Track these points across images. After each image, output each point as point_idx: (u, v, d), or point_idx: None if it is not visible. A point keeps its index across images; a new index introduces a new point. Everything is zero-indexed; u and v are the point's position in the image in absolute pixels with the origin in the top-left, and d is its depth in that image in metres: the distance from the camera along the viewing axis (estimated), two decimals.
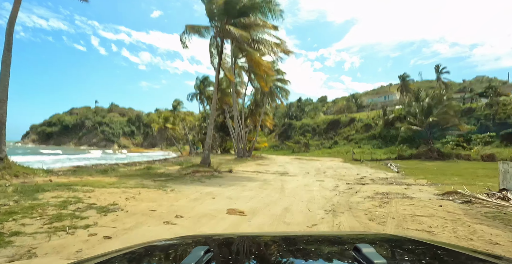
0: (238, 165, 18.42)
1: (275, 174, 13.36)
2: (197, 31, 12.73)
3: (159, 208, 5.60)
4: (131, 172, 10.87)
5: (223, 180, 10.20)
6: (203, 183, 9.35)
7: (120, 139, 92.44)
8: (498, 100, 39.39)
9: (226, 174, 11.83)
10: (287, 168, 17.26)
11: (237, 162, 20.58)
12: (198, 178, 10.26)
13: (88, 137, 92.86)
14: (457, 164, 21.18)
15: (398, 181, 11.39)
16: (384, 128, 43.13)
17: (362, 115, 48.66)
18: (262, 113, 29.95)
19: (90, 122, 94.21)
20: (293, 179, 11.47)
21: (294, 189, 8.51)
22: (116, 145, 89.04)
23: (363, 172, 15.42)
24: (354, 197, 7.55)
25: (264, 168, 16.83)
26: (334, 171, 15.79)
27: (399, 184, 10.25)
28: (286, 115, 61.76)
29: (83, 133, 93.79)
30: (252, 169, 15.57)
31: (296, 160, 27.62)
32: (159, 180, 9.31)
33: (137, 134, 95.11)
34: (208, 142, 13.15)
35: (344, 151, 42.17)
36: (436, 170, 16.81)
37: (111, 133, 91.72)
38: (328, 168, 18.02)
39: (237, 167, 16.13)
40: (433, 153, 25.47)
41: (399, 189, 8.92)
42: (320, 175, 13.27)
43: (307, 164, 21.75)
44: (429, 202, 6.64)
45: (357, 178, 12.28)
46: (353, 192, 8.55)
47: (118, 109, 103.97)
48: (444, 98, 25.61)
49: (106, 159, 31.91)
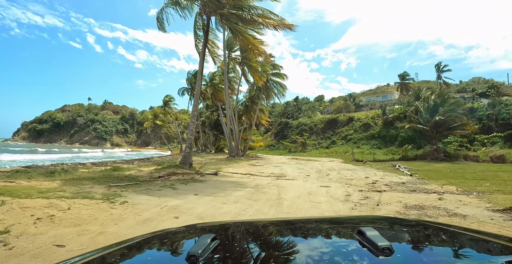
0: (229, 165, 16.13)
1: (270, 177, 11.11)
2: (178, 3, 10.39)
3: (74, 240, 3.31)
4: (89, 174, 8.57)
5: (203, 185, 7.91)
6: (176, 190, 7.05)
7: (113, 137, 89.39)
8: (500, 100, 37.70)
9: (210, 177, 9.55)
10: (284, 169, 15.02)
11: (228, 162, 18.28)
12: (171, 182, 7.96)
13: (80, 135, 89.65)
14: (468, 165, 19.15)
15: (420, 187, 9.22)
16: (384, 128, 41.16)
17: (360, 114, 46.69)
18: (257, 110, 27.65)
19: (82, 119, 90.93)
20: (292, 184, 9.23)
21: (295, 200, 6.26)
22: (109, 143, 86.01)
23: (371, 174, 13.25)
24: (378, 213, 5.34)
25: (258, 169, 14.57)
26: (338, 173, 13.60)
27: (425, 192, 8.08)
28: (283, 114, 59.59)
29: (74, 131, 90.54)
30: (244, 170, 13.30)
31: (293, 160, 25.41)
32: (116, 186, 6.98)
33: (130, 132, 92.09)
34: (189, 138, 10.84)
35: (342, 151, 40.09)
36: (450, 172, 14.73)
37: (103, 130, 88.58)
38: (330, 169, 15.83)
39: (227, 168, 13.84)
40: (439, 153, 23.47)
41: (432, 200, 6.74)
42: (323, 179, 11.06)
43: (306, 164, 19.54)
44: (495, 224, 4.44)
45: (368, 183, 10.08)
46: (372, 203, 6.35)
47: (112, 106, 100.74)
48: (451, 95, 23.62)
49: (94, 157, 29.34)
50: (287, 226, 1.20)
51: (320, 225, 1.19)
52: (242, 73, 24.47)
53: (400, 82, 44.36)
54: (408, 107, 40.19)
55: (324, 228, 1.13)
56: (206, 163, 15.89)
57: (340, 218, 1.62)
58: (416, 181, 10.75)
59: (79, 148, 66.50)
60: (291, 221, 1.33)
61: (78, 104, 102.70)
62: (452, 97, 24.27)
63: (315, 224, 1.21)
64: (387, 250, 0.67)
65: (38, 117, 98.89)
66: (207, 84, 30.54)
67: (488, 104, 38.18)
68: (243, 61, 23.58)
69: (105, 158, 26.38)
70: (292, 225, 1.21)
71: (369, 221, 1.27)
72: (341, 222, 1.27)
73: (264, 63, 24.18)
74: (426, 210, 5.64)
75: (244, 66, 23.92)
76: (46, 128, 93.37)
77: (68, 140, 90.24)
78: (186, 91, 31.48)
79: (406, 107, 40.48)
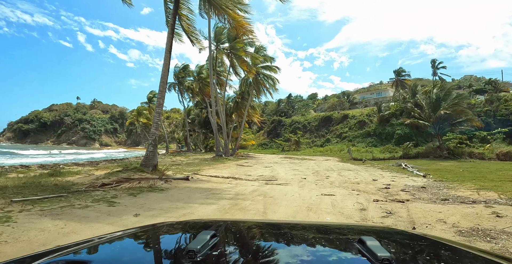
0: (213, 166, 13.79)
1: (257, 180, 8.83)
2: None
3: None
4: (8, 182, 6.19)
5: (159, 197, 5.58)
6: (113, 206, 4.73)
7: (102, 136, 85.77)
8: (498, 96, 36.27)
9: (178, 183, 7.23)
10: (275, 170, 12.77)
11: (213, 162, 15.94)
12: (116, 193, 5.61)
13: (68, 135, 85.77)
14: (478, 164, 17.26)
15: (449, 193, 7.08)
16: (380, 126, 39.35)
17: (355, 112, 44.82)
18: (248, 106, 25.34)
19: (70, 119, 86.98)
20: (284, 191, 6.97)
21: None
22: (97, 143, 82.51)
23: (378, 176, 11.11)
24: None
25: (245, 170, 12.29)
26: (339, 174, 11.41)
27: (463, 201, 5.94)
28: (276, 112, 57.40)
29: (62, 130, 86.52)
30: (228, 172, 10.99)
31: (286, 159, 23.21)
32: (22, 201, 4.60)
33: (120, 131, 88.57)
34: (153, 133, 8.41)
35: (337, 149, 38.16)
36: (465, 172, 12.74)
37: (92, 130, 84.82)
38: (328, 169, 13.66)
39: (208, 170, 11.51)
40: (442, 151, 21.60)
41: (486, 217, 4.58)
42: (323, 182, 8.84)
43: (300, 164, 17.35)
44: None
45: (380, 188, 7.91)
46: (403, 224, 4.17)
47: (101, 105, 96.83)
48: (453, 88, 21.80)
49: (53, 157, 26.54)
50: (287, 228, 1.18)
51: (322, 230, 1.17)
52: (231, 64, 22.11)
53: (396, 79, 42.60)
54: (405, 103, 38.61)
55: (325, 234, 1.11)
56: (186, 164, 13.60)
57: (341, 225, 1.50)
58: (437, 185, 8.63)
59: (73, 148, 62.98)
60: (292, 225, 1.31)
61: (66, 103, 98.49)
62: (454, 91, 22.34)
63: (316, 230, 1.19)
64: (386, 261, 0.65)
65: (24, 117, 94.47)
66: (194, 78, 28.08)
67: (486, 101, 36.73)
68: (231, 52, 21.23)
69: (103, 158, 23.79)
70: (293, 228, 1.20)
71: (370, 231, 1.23)
72: (342, 230, 1.22)
73: (253, 54, 21.91)
74: (497, 239, 3.46)
75: (233, 58, 21.58)
76: (32, 128, 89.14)
77: (55, 140, 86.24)
78: (173, 86, 28.93)
79: (402, 104, 38.85)
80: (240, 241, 0.98)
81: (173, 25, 8.60)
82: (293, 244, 0.92)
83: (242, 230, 1.14)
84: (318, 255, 0.81)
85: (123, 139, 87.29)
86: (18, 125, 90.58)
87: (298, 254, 0.80)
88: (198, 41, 10.68)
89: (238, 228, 1.18)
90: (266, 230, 1.15)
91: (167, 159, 18.28)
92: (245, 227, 1.22)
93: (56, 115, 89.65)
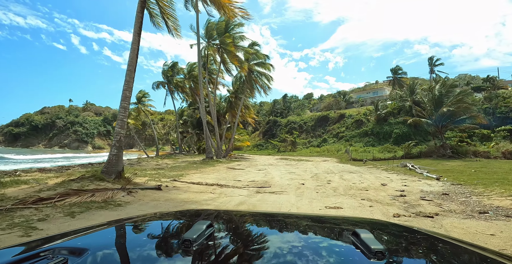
0: (200, 170, 12.29)
1: (247, 188, 7.36)
2: None
3: None
4: None
5: (108, 218, 4.10)
6: (29, 234, 3.23)
7: (95, 139, 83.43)
8: (497, 93, 35.39)
9: (147, 194, 5.71)
10: (270, 173, 11.32)
11: (202, 166, 14.42)
12: (49, 212, 4.10)
13: (59, 138, 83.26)
14: (487, 163, 16.02)
15: (481, 202, 5.70)
16: (377, 125, 38.19)
17: (352, 111, 43.64)
18: (241, 105, 23.87)
19: (62, 122, 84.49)
20: (279, 203, 5.52)
21: None
22: (90, 146, 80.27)
23: (385, 179, 9.73)
24: None
25: (236, 175, 10.82)
26: (341, 178, 10.00)
27: (507, 215, 4.55)
28: (271, 112, 56.03)
29: (53, 133, 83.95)
30: (214, 178, 9.51)
31: (282, 160, 21.80)
32: None
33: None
34: (118, 132, 6.85)
35: (334, 149, 36.90)
36: (479, 172, 11.45)
37: (84, 133, 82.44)
38: (328, 172, 12.24)
39: (192, 175, 10.00)
40: (446, 150, 20.37)
41: None
42: (324, 189, 7.41)
43: (297, 166, 15.93)
44: None
45: (394, 196, 6.50)
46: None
47: (94, 108, 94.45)
48: (457, 84, 20.65)
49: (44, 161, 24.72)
50: (284, 219, 1.17)
51: (317, 222, 1.16)
52: (221, 60, 20.61)
53: (393, 77, 41.52)
54: (402, 102, 37.56)
55: (320, 226, 1.10)
56: (170, 168, 12.09)
57: (336, 218, 1.43)
58: (460, 190, 7.25)
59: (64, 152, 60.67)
60: (288, 216, 1.33)
61: (58, 106, 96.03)
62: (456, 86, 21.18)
63: (312, 220, 1.19)
64: (379, 254, 0.65)
65: (15, 120, 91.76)
66: (185, 76, 26.52)
67: (485, 98, 35.78)
68: (221, 47, 19.77)
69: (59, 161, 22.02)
70: (289, 219, 1.20)
71: (365, 224, 1.20)
72: (337, 222, 1.21)
73: (245, 48, 20.48)
74: None
75: (223, 53, 20.12)
76: (23, 131, 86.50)
77: (46, 143, 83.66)
78: (161, 85, 27.29)
79: (400, 103, 37.80)
80: (236, 231, 0.98)
81: (144, 1, 7.11)
82: (288, 235, 0.92)
83: (239, 220, 1.13)
84: (312, 247, 0.79)
85: None
86: (9, 128, 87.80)
87: (292, 244, 0.79)
88: (177, 30, 9.17)
89: (234, 218, 1.17)
90: (262, 220, 1.15)
91: (153, 162, 16.72)
92: (241, 217, 1.22)
93: (48, 118, 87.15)
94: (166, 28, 9.07)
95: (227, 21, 19.84)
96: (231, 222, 1.11)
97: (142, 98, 28.56)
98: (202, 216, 1.20)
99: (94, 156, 36.75)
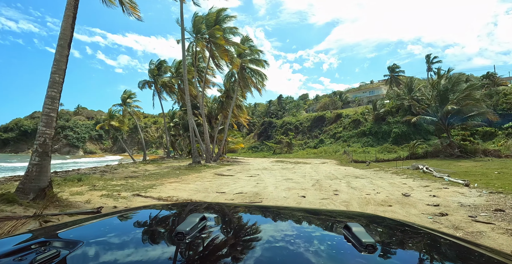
0: (180, 177, 10.30)
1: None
2: None
3: None
4: None
5: None
6: None
7: (86, 144, 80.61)
8: (498, 90, 34.12)
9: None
10: (263, 181, 9.40)
11: (186, 172, 12.43)
12: None
13: None
14: (504, 162, 14.33)
15: None
16: (375, 124, 36.62)
17: (348, 111, 42.02)
18: (233, 104, 21.95)
19: None
20: None
21: None
22: (81, 151, 77.45)
23: (402, 186, 7.90)
24: None
25: (221, 184, 8.88)
26: (349, 185, 8.13)
27: None
28: (266, 113, 54.22)
29: None
30: (192, 189, 7.55)
31: (278, 163, 19.91)
32: None
33: (105, 138, 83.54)
34: (42, 132, 4.68)
35: (332, 151, 35.17)
36: (500, 174, 9.75)
37: (75, 137, 79.59)
38: (331, 177, 10.37)
39: (166, 186, 8.03)
40: (453, 149, 18.70)
41: None
42: (332, 203, 5.53)
43: (295, 170, 14.05)
44: None
45: (431, 213, 4.65)
46: None
47: (86, 112, 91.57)
48: (463, 77, 19.12)
49: None
50: (277, 212, 1.17)
51: (309, 216, 1.15)
52: (210, 55, 18.69)
53: (390, 75, 40.05)
54: (400, 100, 36.15)
55: (313, 219, 1.10)
56: (148, 175, 10.09)
57: (328, 211, 1.51)
58: (510, 201, 5.43)
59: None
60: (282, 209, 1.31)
61: None
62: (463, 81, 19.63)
63: (304, 213, 1.20)
64: (370, 247, 0.65)
65: (3, 126, 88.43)
66: (173, 75, 24.54)
67: (485, 95, 34.44)
68: (210, 41, 17.88)
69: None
70: (282, 212, 1.19)
71: (358, 217, 1.19)
72: (329, 215, 1.20)
73: (237, 43, 18.64)
74: None
75: (212, 48, 18.23)
76: (12, 137, 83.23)
77: None
78: (147, 84, 25.23)
79: (398, 101, 36.36)
80: (229, 223, 0.97)
81: None
82: (281, 228, 0.91)
83: (232, 213, 1.12)
84: (304, 240, 0.78)
85: (108, 146, 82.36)
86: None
87: (284, 237, 0.79)
88: (135, 8, 7.23)
89: (227, 211, 1.16)
90: (255, 213, 1.14)
91: (131, 168, 14.67)
92: (235, 209, 1.21)
93: (38, 122, 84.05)
94: (120, 4, 7.15)
95: (218, 12, 18.02)
96: (225, 214, 1.09)
97: (128, 100, 26.43)
98: (196, 208, 1.18)
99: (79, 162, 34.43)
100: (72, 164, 27.07)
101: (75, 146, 78.20)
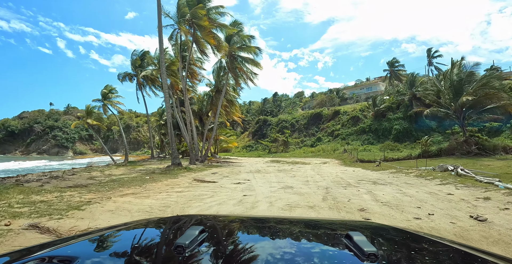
0: (143, 186, 7.63)
1: None
2: None
3: None
4: None
5: None
6: None
7: (76, 144, 77.08)
8: (502, 84, 32.03)
9: None
10: (253, 191, 6.83)
11: (159, 177, 9.77)
12: None
13: (38, 144, 76.52)
14: None
15: None
16: (375, 121, 34.25)
17: (347, 108, 39.64)
18: (222, 98, 19.30)
19: (40, 126, 77.79)
20: None
21: None
22: (71, 152, 73.91)
23: (456, 200, 5.42)
24: None
25: (194, 196, 6.29)
26: (375, 199, 5.61)
27: None
28: (261, 111, 51.66)
29: (31, 139, 77.12)
30: (145, 209, 4.91)
31: (273, 164, 17.36)
32: None
33: (96, 138, 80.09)
34: None
35: (330, 149, 32.74)
36: None
37: (64, 138, 76.02)
38: (342, 183, 7.84)
39: (106, 203, 5.38)
40: (470, 146, 16.43)
41: None
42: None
43: (293, 172, 11.49)
44: None
45: None
46: None
47: (76, 111, 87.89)
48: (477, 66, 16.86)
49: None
50: (276, 223, 1.14)
51: (310, 226, 1.13)
52: (193, 40, 15.98)
53: (389, 70, 37.81)
54: (400, 96, 34.02)
55: (313, 229, 1.07)
56: (108, 181, 7.46)
57: (329, 220, 1.43)
58: None
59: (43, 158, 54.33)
60: (281, 220, 1.28)
61: (38, 110, 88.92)
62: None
63: (305, 224, 1.16)
64: (372, 256, 0.64)
65: None
66: (156, 66, 21.79)
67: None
68: (192, 22, 15.19)
69: None
70: (281, 223, 1.16)
71: (359, 226, 1.18)
72: (330, 225, 1.18)
73: (225, 25, 15.97)
74: None
75: (195, 31, 15.56)
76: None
77: (24, 150, 76.73)
78: (128, 77, 22.44)
79: (398, 97, 34.20)
80: (228, 236, 0.95)
81: None
82: (280, 239, 0.90)
83: (231, 226, 1.10)
84: (305, 251, 0.78)
85: (99, 146, 78.86)
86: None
87: (284, 249, 0.77)
88: None
89: (226, 224, 1.14)
90: (255, 225, 1.11)
91: (96, 172, 11.94)
92: (233, 222, 1.18)
93: (26, 123, 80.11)
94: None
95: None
96: (224, 227, 1.07)
97: (109, 94, 23.58)
98: (194, 222, 1.15)
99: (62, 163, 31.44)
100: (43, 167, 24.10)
101: (64, 146, 74.55)
